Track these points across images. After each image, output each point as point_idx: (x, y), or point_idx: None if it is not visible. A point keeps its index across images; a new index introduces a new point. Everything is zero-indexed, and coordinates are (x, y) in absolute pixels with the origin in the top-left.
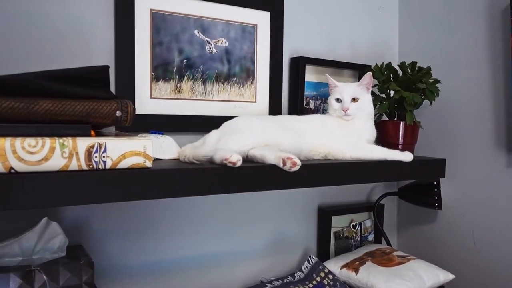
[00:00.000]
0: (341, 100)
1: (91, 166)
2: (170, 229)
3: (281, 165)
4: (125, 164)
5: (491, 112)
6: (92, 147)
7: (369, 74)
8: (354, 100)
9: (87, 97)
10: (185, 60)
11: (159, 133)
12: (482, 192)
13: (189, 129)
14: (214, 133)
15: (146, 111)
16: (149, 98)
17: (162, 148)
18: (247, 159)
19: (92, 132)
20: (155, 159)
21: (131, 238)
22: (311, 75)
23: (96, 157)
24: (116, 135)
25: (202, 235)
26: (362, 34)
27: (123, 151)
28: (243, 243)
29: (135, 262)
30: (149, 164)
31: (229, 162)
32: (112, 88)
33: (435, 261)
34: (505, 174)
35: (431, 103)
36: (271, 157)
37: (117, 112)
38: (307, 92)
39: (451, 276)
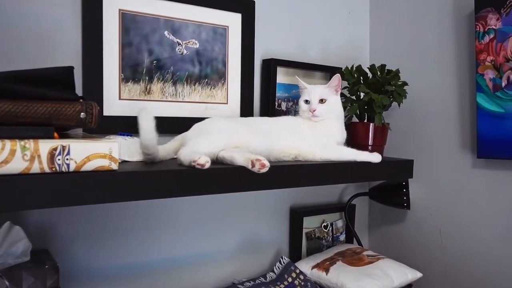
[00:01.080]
0: (309, 101)
1: (54, 169)
2: (140, 232)
3: (250, 166)
4: (89, 166)
5: (457, 114)
6: (55, 149)
7: (337, 76)
8: (322, 101)
9: (50, 99)
10: (155, 61)
11: (127, 135)
12: (449, 191)
13: (159, 131)
14: (183, 135)
15: (115, 112)
16: (118, 99)
17: (130, 150)
18: (217, 161)
19: (56, 134)
20: (123, 161)
21: (99, 242)
22: (283, 77)
23: (59, 159)
24: (83, 137)
25: (172, 237)
26: (333, 37)
27: (88, 153)
28: (215, 245)
29: (103, 266)
30: (115, 166)
31: (198, 164)
32: (79, 90)
33: (404, 260)
34: (470, 174)
35: (399, 105)
36: (240, 158)
37: (82, 114)
38: (279, 93)
39: (419, 275)
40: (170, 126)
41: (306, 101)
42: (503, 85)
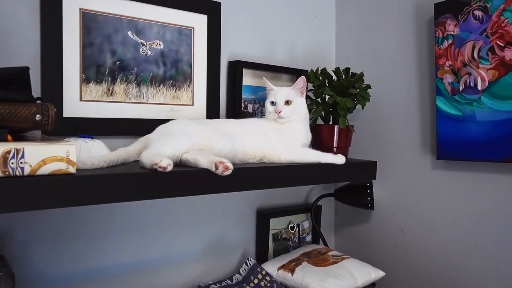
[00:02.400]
0: (275, 103)
1: (7, 173)
2: (103, 235)
3: (213, 169)
4: (45, 170)
5: (418, 117)
6: (8, 152)
7: (302, 78)
8: (287, 103)
9: (4, 100)
10: (118, 62)
11: (88, 137)
12: (411, 192)
13: (123, 133)
14: (147, 137)
15: (75, 114)
16: (79, 101)
17: (91, 152)
18: (180, 164)
19: (9, 137)
20: None
21: (58, 247)
22: (249, 78)
23: (12, 163)
24: (42, 139)
25: (137, 240)
26: (300, 40)
27: (43, 156)
28: (181, 247)
29: (63, 272)
30: (72, 170)
31: (159, 167)
32: (38, 91)
33: (369, 259)
34: (430, 175)
35: (363, 107)
36: (204, 161)
37: (37, 116)
38: (246, 95)
39: (381, 274)
40: (134, 128)
41: (272, 103)
42: (460, 89)
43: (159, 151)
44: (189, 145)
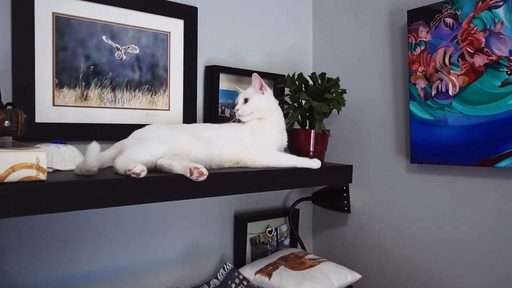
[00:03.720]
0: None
1: None
2: (77, 242)
3: (188, 174)
4: (14, 177)
5: (393, 121)
6: None
7: (254, 75)
8: (245, 101)
9: None
10: (92, 66)
11: (61, 143)
12: (386, 195)
13: (97, 138)
14: (122, 142)
15: (48, 119)
16: (51, 106)
17: (64, 158)
18: (155, 169)
19: None
20: (56, 170)
21: (30, 254)
22: (227, 83)
23: None
24: (13, 145)
25: (113, 246)
26: (277, 45)
27: (12, 163)
28: (158, 253)
29: (36, 280)
30: (43, 176)
31: (133, 173)
32: (8, 96)
33: (346, 262)
34: (405, 178)
35: (338, 112)
36: (179, 166)
37: (6, 122)
38: (223, 100)
39: (358, 276)
40: (109, 133)
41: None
42: (433, 94)
43: (133, 157)
44: (164, 151)
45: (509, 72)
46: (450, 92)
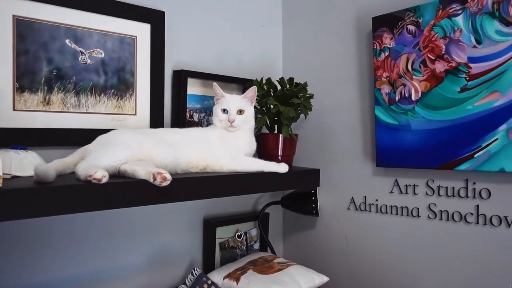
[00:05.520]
0: (227, 111)
1: None
2: (41, 249)
3: (151, 180)
4: None
5: (360, 126)
6: None
7: (254, 88)
8: (240, 112)
9: None
10: (55, 71)
11: (21, 149)
12: (353, 198)
13: (60, 143)
14: (85, 148)
15: (8, 124)
16: (12, 110)
17: (23, 164)
18: (119, 175)
19: None
20: (14, 177)
21: None
22: (196, 88)
23: None
24: None
25: (78, 253)
26: (247, 50)
27: None
28: (125, 259)
29: None
30: None
31: (94, 179)
32: None
33: (315, 265)
34: (371, 182)
35: (305, 117)
36: (142, 172)
37: None
38: (192, 104)
39: (325, 279)
40: (73, 139)
41: (224, 110)
42: (396, 99)
43: (96, 162)
44: (128, 156)
45: (467, 78)
46: (413, 97)
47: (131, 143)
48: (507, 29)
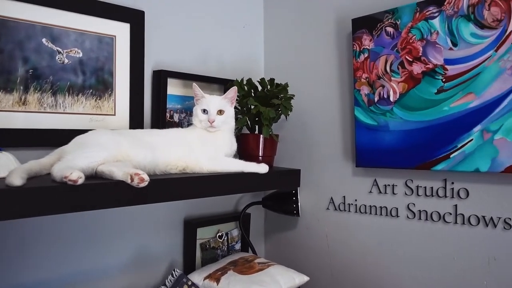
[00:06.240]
0: (207, 111)
1: None
2: (17, 252)
3: (129, 181)
4: None
5: (340, 126)
6: None
7: (234, 89)
8: (220, 112)
9: None
10: (31, 70)
11: None
12: (333, 198)
13: (37, 144)
14: (62, 148)
15: None
16: None
17: None
18: (96, 176)
19: None
20: None
21: None
22: (176, 88)
23: None
24: None
25: (58, 255)
26: (228, 50)
27: None
28: (104, 261)
29: None
30: None
31: (69, 180)
32: None
33: (296, 265)
34: (351, 182)
35: (286, 117)
36: (119, 173)
37: None
38: (172, 105)
39: (306, 278)
40: (49, 139)
41: (204, 111)
42: (375, 100)
43: (72, 163)
44: (106, 157)
45: (444, 80)
46: (391, 98)
47: (108, 143)
48: (481, 32)
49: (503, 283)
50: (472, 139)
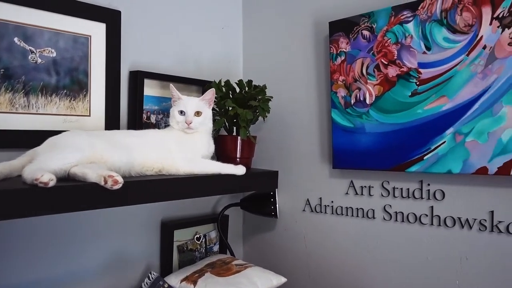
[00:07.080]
0: (184, 112)
1: None
2: None
3: (102, 183)
4: None
5: (317, 128)
6: None
7: (212, 90)
8: (197, 114)
9: None
10: (2, 70)
11: None
12: (311, 200)
13: (7, 145)
14: (34, 150)
15: None
16: None
17: None
18: (69, 178)
19: None
20: None
21: None
22: (153, 89)
23: None
24: None
25: (32, 258)
26: (207, 51)
27: None
28: (79, 264)
29: None
30: None
31: (40, 183)
32: None
33: (274, 267)
34: (328, 183)
35: (264, 119)
36: (93, 175)
37: None
38: (149, 106)
39: (283, 280)
40: (21, 140)
41: (181, 112)
42: (352, 103)
43: (44, 165)
44: (79, 158)
45: (418, 83)
46: (367, 101)
47: (82, 145)
48: (454, 37)
49: (474, 282)
50: (444, 142)
